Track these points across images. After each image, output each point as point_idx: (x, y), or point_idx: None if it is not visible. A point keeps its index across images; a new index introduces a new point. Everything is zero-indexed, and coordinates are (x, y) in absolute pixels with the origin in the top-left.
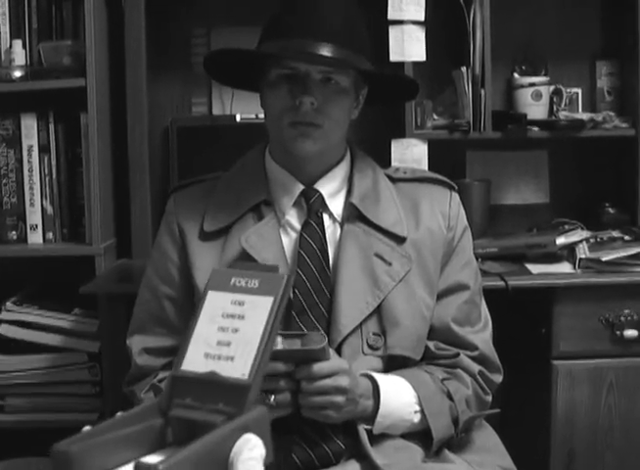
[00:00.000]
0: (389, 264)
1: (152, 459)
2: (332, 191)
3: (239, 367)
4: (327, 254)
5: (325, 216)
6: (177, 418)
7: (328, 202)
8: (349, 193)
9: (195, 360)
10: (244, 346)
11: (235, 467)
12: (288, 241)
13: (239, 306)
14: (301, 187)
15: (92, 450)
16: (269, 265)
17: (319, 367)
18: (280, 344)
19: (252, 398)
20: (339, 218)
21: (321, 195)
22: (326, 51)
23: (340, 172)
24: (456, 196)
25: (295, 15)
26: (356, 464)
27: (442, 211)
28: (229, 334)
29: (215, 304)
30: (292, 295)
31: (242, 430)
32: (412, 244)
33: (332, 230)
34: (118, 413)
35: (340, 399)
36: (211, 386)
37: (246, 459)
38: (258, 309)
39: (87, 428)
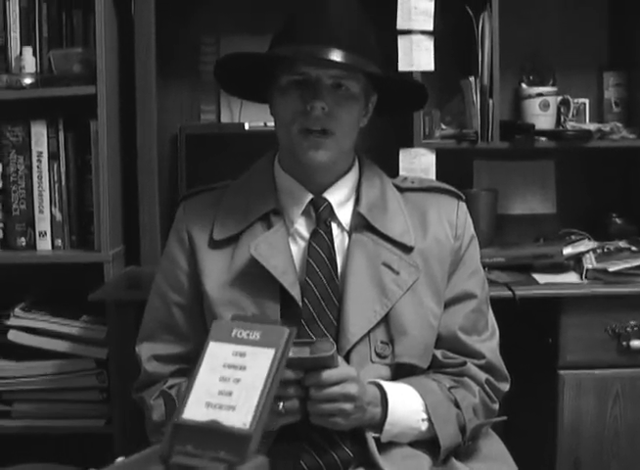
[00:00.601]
0: (397, 273)
1: None
2: (340, 200)
3: (240, 417)
4: (335, 262)
5: (333, 225)
6: (178, 465)
7: (336, 211)
8: (357, 202)
9: (196, 409)
10: (245, 396)
11: None
12: (297, 249)
13: (240, 358)
14: (310, 196)
15: None
16: (271, 319)
17: (328, 375)
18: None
19: (254, 447)
20: (347, 227)
21: (330, 204)
22: (337, 56)
23: (348, 181)
24: (463, 205)
25: (305, 21)
26: None
27: (450, 221)
28: (230, 384)
29: (217, 354)
30: (301, 303)
31: None
32: (420, 253)
33: (340, 239)
34: (119, 459)
35: (348, 406)
36: (213, 434)
37: None
38: (260, 361)
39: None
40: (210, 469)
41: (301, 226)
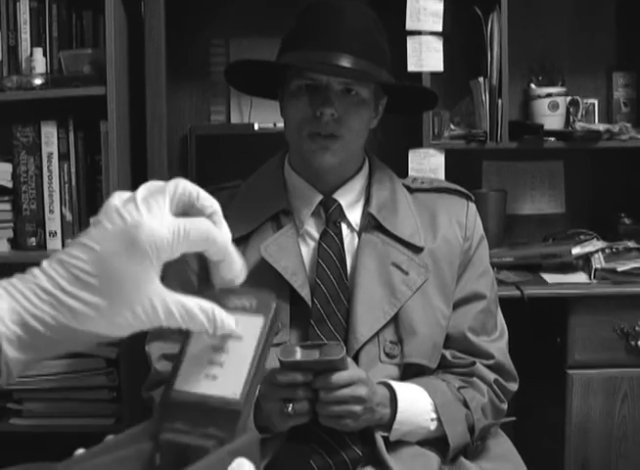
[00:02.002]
0: (407, 274)
1: None
2: (350, 201)
3: (229, 389)
4: (345, 263)
5: (343, 226)
6: (167, 442)
7: (346, 212)
8: (367, 203)
9: (185, 383)
10: (235, 366)
11: None
12: (306, 250)
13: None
14: (320, 197)
15: None
16: (260, 288)
17: (338, 377)
18: (299, 355)
19: (243, 422)
20: (357, 228)
21: (340, 205)
22: (347, 62)
23: (358, 183)
24: (473, 206)
25: (315, 26)
26: None
27: (459, 222)
28: (220, 354)
29: None
30: (310, 303)
31: (234, 454)
32: (429, 254)
33: (350, 240)
34: (108, 436)
35: (357, 408)
36: (202, 410)
37: None
38: (249, 329)
39: (80, 451)
40: (201, 446)
41: (311, 227)
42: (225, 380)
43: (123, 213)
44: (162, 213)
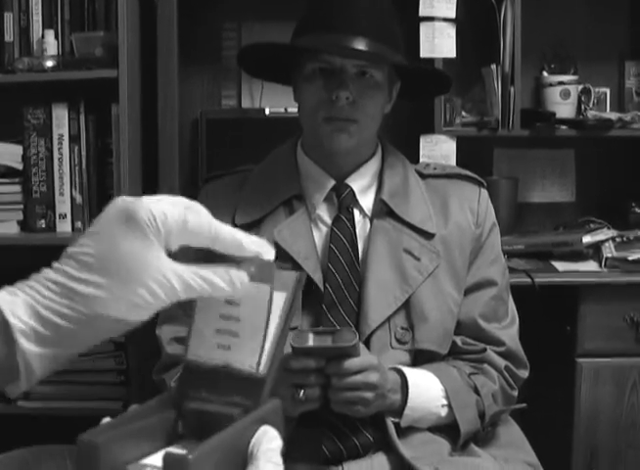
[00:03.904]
0: (418, 260)
1: (176, 451)
2: (363, 187)
3: (252, 359)
4: (357, 249)
5: (355, 211)
6: (192, 411)
7: (359, 197)
8: (380, 189)
9: (205, 349)
10: (250, 336)
11: (256, 458)
12: (318, 235)
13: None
14: (333, 182)
15: (116, 442)
16: (279, 264)
17: (350, 363)
18: (311, 341)
19: (268, 390)
20: (369, 214)
21: (352, 190)
22: (361, 45)
23: (371, 168)
24: (485, 192)
25: (329, 9)
26: (384, 457)
27: (471, 208)
28: (237, 324)
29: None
30: (322, 288)
31: (259, 422)
32: (441, 240)
33: (362, 225)
34: (132, 406)
35: (369, 394)
36: (226, 378)
37: (266, 450)
38: (257, 299)
39: (106, 419)
40: (226, 414)
41: (323, 212)
42: (242, 349)
43: (122, 197)
44: (161, 199)
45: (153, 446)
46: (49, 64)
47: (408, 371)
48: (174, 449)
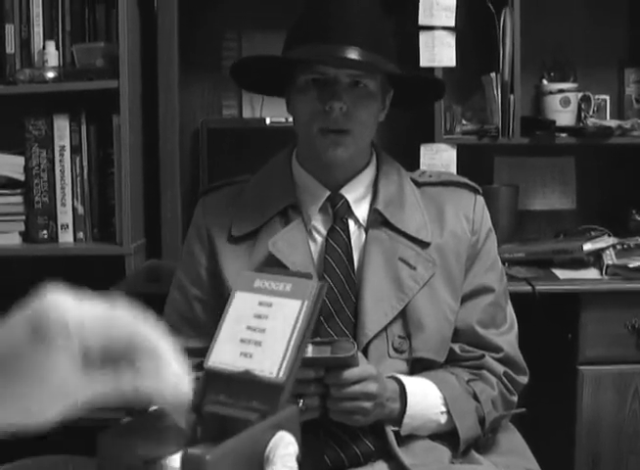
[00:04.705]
0: (414, 269)
1: (194, 450)
2: (357, 197)
3: (272, 366)
4: (352, 259)
5: (350, 222)
6: (211, 414)
7: (353, 207)
8: (375, 198)
9: (227, 357)
10: (276, 345)
11: (272, 462)
12: (314, 246)
13: (267, 308)
14: (327, 193)
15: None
16: (303, 272)
17: (349, 374)
18: (310, 351)
19: (285, 397)
20: (364, 224)
21: (347, 201)
22: (354, 55)
23: (365, 178)
24: (481, 199)
25: (321, 19)
26: (385, 465)
27: (467, 215)
28: (259, 333)
29: (244, 303)
30: None
31: (276, 428)
32: (436, 248)
33: (357, 235)
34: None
35: (368, 404)
36: (245, 384)
37: (282, 455)
38: (287, 312)
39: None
40: (244, 419)
41: (319, 222)
42: (264, 357)
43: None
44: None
45: (172, 448)
46: (50, 75)
47: (406, 379)
48: (192, 449)
